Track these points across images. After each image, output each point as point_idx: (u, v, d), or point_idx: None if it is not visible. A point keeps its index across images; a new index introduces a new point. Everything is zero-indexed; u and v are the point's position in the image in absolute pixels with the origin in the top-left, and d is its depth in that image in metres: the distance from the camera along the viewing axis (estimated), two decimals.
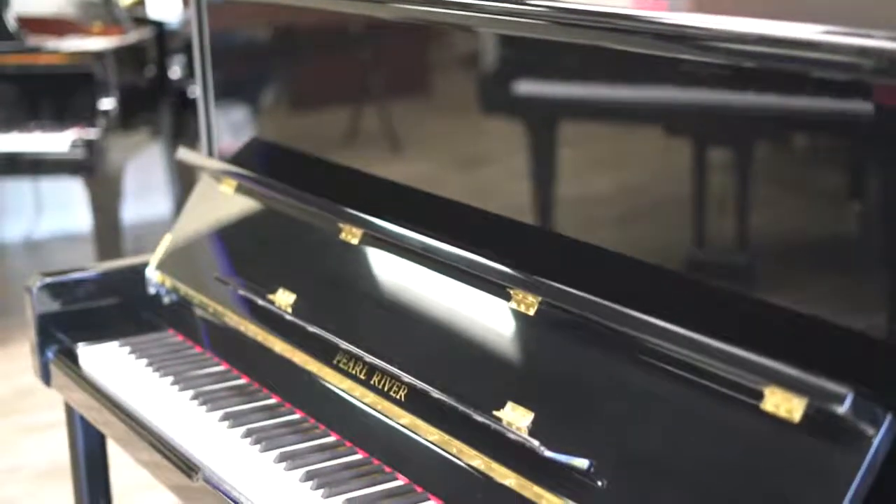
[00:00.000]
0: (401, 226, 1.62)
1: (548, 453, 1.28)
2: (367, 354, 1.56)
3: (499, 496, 1.34)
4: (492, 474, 1.36)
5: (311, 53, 2.03)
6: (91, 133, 3.84)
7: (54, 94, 3.96)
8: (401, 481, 1.46)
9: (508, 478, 1.34)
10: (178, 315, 2.00)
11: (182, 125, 4.33)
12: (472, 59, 1.64)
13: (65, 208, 5.15)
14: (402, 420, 1.51)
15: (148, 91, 4.26)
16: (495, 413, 1.36)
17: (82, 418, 2.00)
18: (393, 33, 1.80)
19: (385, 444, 1.52)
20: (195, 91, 2.04)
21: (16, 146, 3.88)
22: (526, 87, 1.57)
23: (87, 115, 3.89)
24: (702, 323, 1.21)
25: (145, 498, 3.08)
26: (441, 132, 1.72)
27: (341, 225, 1.73)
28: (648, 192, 1.38)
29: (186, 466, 1.59)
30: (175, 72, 4.36)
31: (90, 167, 3.83)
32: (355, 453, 1.53)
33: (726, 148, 1.31)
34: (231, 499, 1.50)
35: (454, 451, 1.42)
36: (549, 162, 1.54)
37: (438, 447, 1.44)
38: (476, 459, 1.38)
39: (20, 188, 5.19)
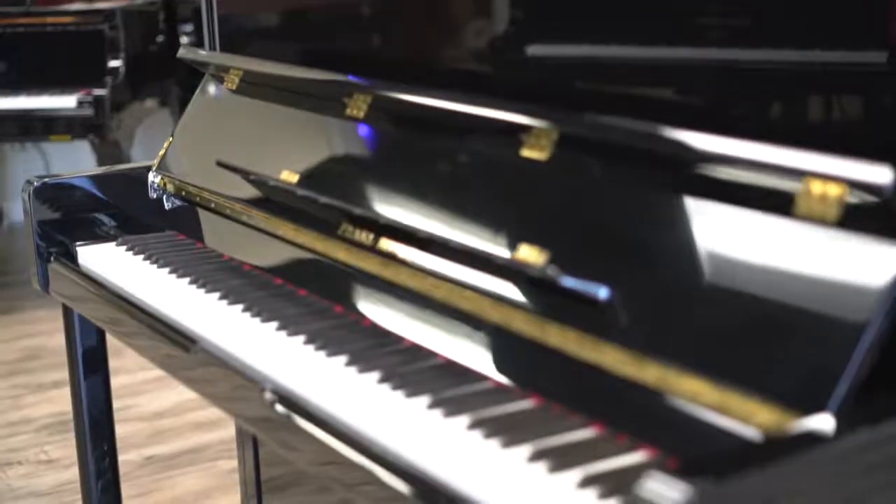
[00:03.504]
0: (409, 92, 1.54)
1: (565, 282, 1.19)
2: (375, 215, 1.48)
3: (514, 343, 1.26)
4: (508, 324, 1.27)
5: None
6: (99, 91, 3.78)
7: (64, 55, 3.91)
8: (406, 344, 1.37)
9: (525, 321, 1.24)
10: (180, 217, 1.92)
11: (191, 93, 4.27)
12: None
13: None
14: (411, 283, 1.42)
15: (157, 56, 4.21)
16: (510, 255, 1.27)
17: (81, 320, 1.93)
18: None
19: (392, 311, 1.43)
20: None
21: (24, 104, 3.83)
22: None
23: (97, 75, 3.84)
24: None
25: (149, 450, 3.02)
26: None
27: (346, 100, 1.65)
28: None
29: (184, 339, 1.51)
30: (185, 39, 4.31)
31: (98, 125, 3.77)
32: (361, 323, 1.45)
33: None
34: (229, 367, 1.42)
35: (466, 306, 1.33)
36: None
37: (448, 304, 1.36)
38: (490, 310, 1.29)
39: (30, 170, 5.15)
